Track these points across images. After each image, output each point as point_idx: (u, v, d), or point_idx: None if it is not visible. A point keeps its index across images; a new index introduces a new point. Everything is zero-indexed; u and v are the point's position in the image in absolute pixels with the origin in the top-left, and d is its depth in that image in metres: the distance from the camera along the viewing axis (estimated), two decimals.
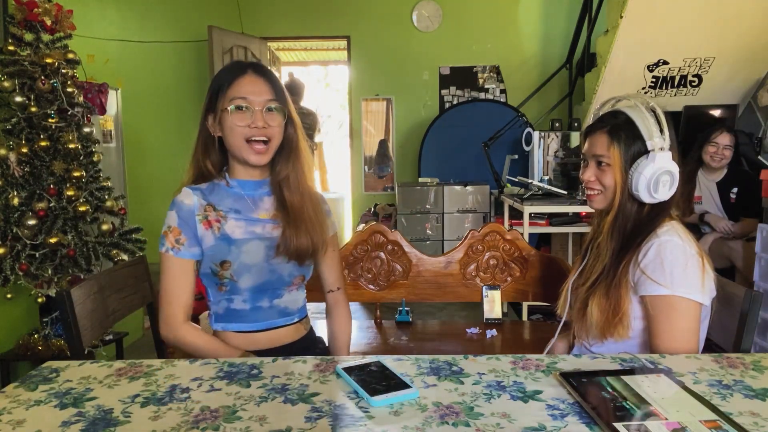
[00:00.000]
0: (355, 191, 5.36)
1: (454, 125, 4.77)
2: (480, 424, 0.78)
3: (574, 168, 4.11)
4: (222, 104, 1.19)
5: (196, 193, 1.23)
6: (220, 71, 1.24)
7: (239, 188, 1.25)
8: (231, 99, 1.18)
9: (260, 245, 1.23)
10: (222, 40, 4.52)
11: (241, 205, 1.25)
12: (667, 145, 1.16)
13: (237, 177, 1.25)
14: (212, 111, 1.21)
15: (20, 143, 2.28)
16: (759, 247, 2.65)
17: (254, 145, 1.19)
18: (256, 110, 1.18)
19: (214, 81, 1.22)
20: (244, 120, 1.17)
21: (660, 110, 1.18)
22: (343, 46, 5.47)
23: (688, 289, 1.11)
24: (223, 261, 1.21)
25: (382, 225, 1.97)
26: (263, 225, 1.25)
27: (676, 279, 1.11)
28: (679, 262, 1.12)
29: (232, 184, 1.25)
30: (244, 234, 1.22)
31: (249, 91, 1.18)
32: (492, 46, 5.10)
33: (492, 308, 1.93)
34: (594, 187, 1.26)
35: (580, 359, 1.03)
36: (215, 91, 1.20)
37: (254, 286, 1.24)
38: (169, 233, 1.20)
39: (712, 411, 0.79)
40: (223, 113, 1.19)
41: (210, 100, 1.21)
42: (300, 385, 0.91)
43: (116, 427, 0.79)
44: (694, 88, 4.13)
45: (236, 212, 1.24)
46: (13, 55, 2.28)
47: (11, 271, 2.26)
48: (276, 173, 1.26)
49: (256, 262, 1.23)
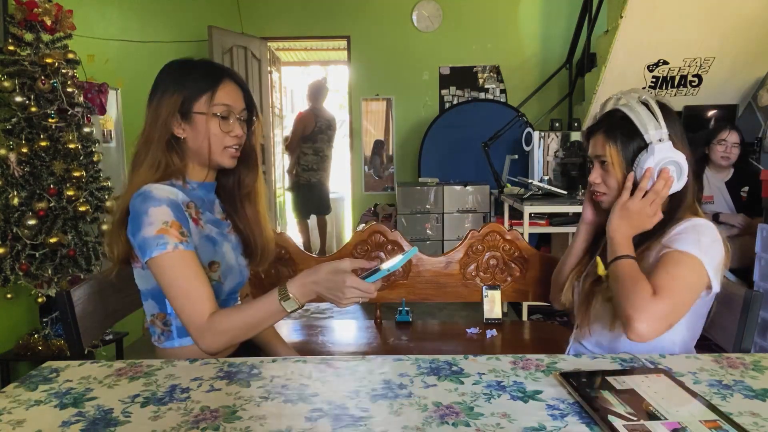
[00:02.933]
0: (355, 191, 5.37)
1: (454, 125, 4.77)
2: (480, 424, 0.78)
3: (574, 168, 4.11)
4: (200, 108, 1.16)
5: (176, 188, 1.16)
6: (189, 73, 1.18)
7: (198, 189, 1.23)
8: (214, 105, 1.16)
9: (229, 246, 1.24)
10: (222, 40, 4.52)
11: (205, 206, 1.23)
12: (665, 136, 1.14)
13: (193, 179, 1.22)
14: (182, 112, 1.16)
15: (20, 143, 2.28)
16: (759, 247, 2.64)
17: (230, 150, 1.20)
18: (236, 118, 1.19)
19: (186, 82, 1.16)
20: (227, 128, 1.18)
21: (653, 102, 1.17)
22: (343, 46, 5.47)
23: (710, 261, 1.09)
24: (212, 262, 1.18)
25: (382, 225, 1.97)
26: (225, 226, 1.26)
27: (703, 247, 1.09)
28: (710, 237, 1.11)
29: (192, 185, 1.21)
30: (217, 235, 1.21)
31: (231, 99, 1.19)
32: (492, 46, 5.09)
33: (492, 308, 1.93)
34: (599, 189, 1.26)
35: (580, 359, 1.03)
36: (192, 94, 1.16)
37: (232, 287, 1.25)
38: (168, 228, 1.08)
39: (712, 411, 0.79)
40: (202, 117, 1.16)
41: (184, 102, 1.15)
42: (300, 385, 0.91)
43: (116, 427, 0.79)
44: (694, 88, 4.13)
45: (205, 212, 1.22)
46: (13, 55, 2.28)
47: (11, 271, 2.26)
48: (233, 178, 1.27)
49: (232, 263, 1.23)
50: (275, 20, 5.10)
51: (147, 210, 1.08)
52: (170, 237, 1.07)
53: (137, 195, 1.10)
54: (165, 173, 1.16)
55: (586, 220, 1.37)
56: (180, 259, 1.07)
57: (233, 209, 1.28)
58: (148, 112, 1.18)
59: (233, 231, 1.28)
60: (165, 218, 1.08)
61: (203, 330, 1.05)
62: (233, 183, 1.28)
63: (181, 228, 1.09)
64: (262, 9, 5.06)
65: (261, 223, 1.30)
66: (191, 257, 1.08)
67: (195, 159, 1.20)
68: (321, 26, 5.12)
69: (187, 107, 1.16)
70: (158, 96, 1.17)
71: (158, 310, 1.19)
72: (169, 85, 1.17)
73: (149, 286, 1.18)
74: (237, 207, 1.28)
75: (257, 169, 1.29)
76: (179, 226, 1.09)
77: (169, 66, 1.21)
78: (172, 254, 1.06)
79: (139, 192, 1.10)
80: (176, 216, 1.10)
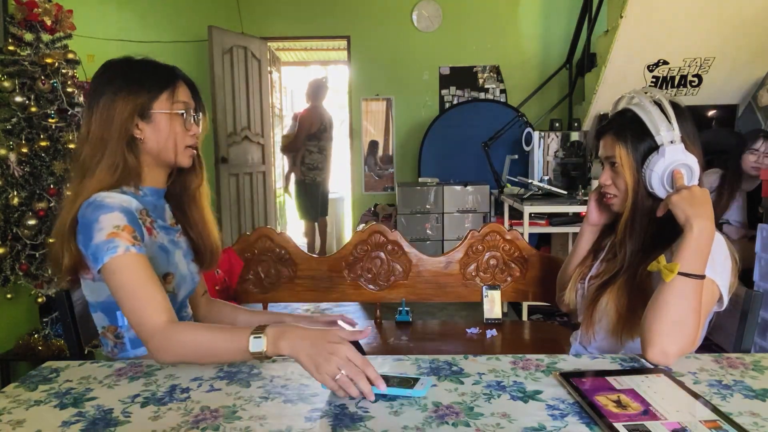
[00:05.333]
0: (355, 191, 5.36)
1: (454, 125, 4.77)
2: (480, 424, 0.78)
3: (574, 168, 4.11)
4: (161, 107, 1.13)
5: (128, 196, 1.11)
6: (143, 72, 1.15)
7: (150, 196, 1.18)
8: (176, 103, 1.14)
9: (180, 254, 1.22)
10: (222, 40, 4.52)
11: (156, 212, 1.19)
12: (677, 138, 1.10)
13: (146, 184, 1.18)
14: (140, 112, 1.12)
15: (20, 143, 2.28)
16: (759, 247, 2.64)
17: (189, 150, 1.19)
18: (193, 117, 1.18)
19: (142, 82, 1.13)
20: (188, 126, 1.17)
21: (667, 102, 1.13)
22: (343, 46, 5.47)
23: (723, 280, 1.07)
24: (166, 273, 1.15)
25: (382, 225, 1.97)
26: (175, 233, 1.23)
27: (717, 266, 1.07)
28: (723, 253, 1.09)
29: (144, 191, 1.17)
30: (169, 243, 1.18)
31: (187, 97, 1.18)
32: (492, 46, 5.09)
33: (492, 308, 1.93)
34: (609, 191, 1.23)
35: (580, 359, 1.03)
36: (152, 93, 1.13)
37: (184, 297, 1.24)
38: (120, 232, 1.02)
39: (712, 411, 0.79)
40: (164, 116, 1.14)
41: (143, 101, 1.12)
42: (300, 385, 0.91)
43: (116, 427, 0.79)
44: (694, 88, 4.13)
45: (157, 219, 1.18)
46: (13, 55, 2.28)
47: (11, 271, 2.26)
48: (179, 181, 1.25)
49: (185, 272, 1.21)
50: (275, 20, 5.10)
51: (98, 218, 1.03)
52: (121, 240, 1.01)
53: (87, 204, 1.06)
54: (122, 176, 1.11)
55: (591, 222, 1.34)
56: (133, 262, 1.01)
57: (181, 214, 1.26)
58: (94, 114, 1.12)
59: (182, 236, 1.25)
60: (117, 222, 1.03)
61: (157, 333, 0.98)
62: (179, 187, 1.25)
63: (134, 232, 1.04)
64: (262, 9, 5.06)
65: (207, 226, 1.27)
66: (145, 261, 1.03)
67: (152, 161, 1.17)
68: (321, 26, 5.12)
69: (147, 107, 1.13)
70: (108, 97, 1.11)
71: (108, 322, 1.15)
72: (121, 85, 1.12)
73: (99, 299, 1.13)
74: (185, 211, 1.26)
75: (202, 172, 1.27)
76: (132, 230, 1.04)
77: (112, 66, 1.17)
78: (123, 257, 1.01)
79: (88, 201, 1.06)
80: (129, 221, 1.05)
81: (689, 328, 0.99)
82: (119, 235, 1.02)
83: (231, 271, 1.94)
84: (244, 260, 1.94)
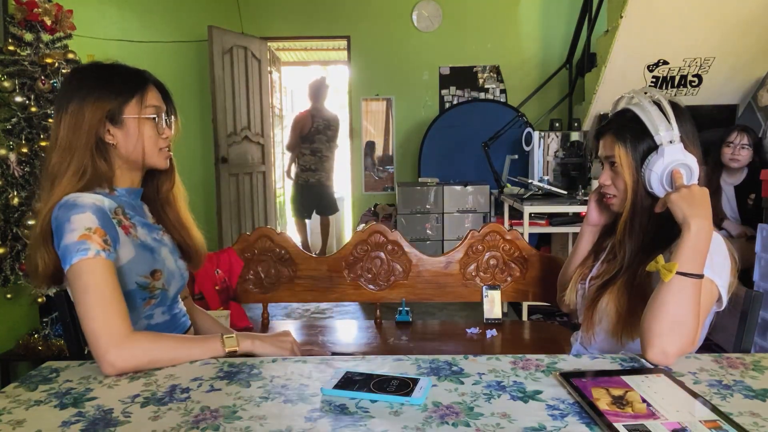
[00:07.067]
0: (355, 191, 5.37)
1: (454, 125, 4.77)
2: (480, 424, 0.78)
3: (574, 168, 4.11)
4: (131, 112, 1.14)
5: (101, 195, 1.11)
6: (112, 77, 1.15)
7: (125, 196, 1.19)
8: (146, 107, 1.15)
9: (166, 250, 1.22)
10: (222, 40, 4.52)
11: (135, 210, 1.19)
12: (676, 138, 1.10)
13: (120, 186, 1.18)
14: (110, 117, 1.13)
15: (20, 143, 2.28)
16: (759, 247, 2.64)
17: (164, 151, 1.20)
18: (165, 120, 1.19)
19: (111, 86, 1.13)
20: (160, 130, 1.18)
21: (666, 102, 1.13)
22: (343, 46, 5.47)
23: (722, 280, 1.07)
24: (154, 270, 1.15)
25: (382, 225, 1.97)
26: (159, 230, 1.24)
27: (716, 266, 1.06)
28: (722, 253, 1.09)
29: (119, 191, 1.17)
30: (152, 241, 1.18)
31: (158, 101, 1.18)
32: (492, 46, 5.10)
33: (492, 308, 1.94)
34: (609, 192, 1.23)
35: (580, 359, 1.03)
36: (122, 98, 1.13)
37: (176, 292, 1.24)
38: (91, 235, 1.01)
39: (712, 411, 0.79)
40: (134, 121, 1.14)
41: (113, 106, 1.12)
42: (300, 385, 0.91)
43: (116, 427, 0.79)
44: (694, 88, 4.13)
45: (135, 216, 1.17)
46: (13, 55, 2.28)
47: (11, 271, 2.26)
48: (152, 184, 1.26)
49: (173, 267, 1.21)
50: (275, 20, 5.10)
51: (69, 218, 1.02)
52: (92, 243, 1.01)
53: (60, 206, 1.05)
54: (90, 180, 1.11)
55: (591, 222, 1.34)
56: (101, 267, 1.00)
57: (159, 216, 1.27)
58: (63, 118, 1.11)
59: (166, 233, 1.25)
60: (88, 224, 1.03)
61: (118, 342, 0.97)
62: (152, 190, 1.26)
63: (105, 236, 1.03)
64: (262, 9, 5.07)
65: (186, 226, 1.29)
66: (112, 269, 1.03)
67: (124, 164, 1.17)
68: (321, 26, 5.12)
69: (117, 111, 1.13)
70: (77, 102, 1.11)
71: None
72: (90, 90, 1.12)
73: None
74: (161, 213, 1.27)
75: (173, 174, 1.27)
76: (103, 234, 1.03)
77: (81, 71, 1.18)
78: (93, 260, 1.00)
79: (61, 203, 1.05)
80: (101, 223, 1.04)
81: (688, 327, 0.99)
82: (91, 238, 1.01)
83: (231, 271, 1.94)
84: (244, 260, 1.94)
